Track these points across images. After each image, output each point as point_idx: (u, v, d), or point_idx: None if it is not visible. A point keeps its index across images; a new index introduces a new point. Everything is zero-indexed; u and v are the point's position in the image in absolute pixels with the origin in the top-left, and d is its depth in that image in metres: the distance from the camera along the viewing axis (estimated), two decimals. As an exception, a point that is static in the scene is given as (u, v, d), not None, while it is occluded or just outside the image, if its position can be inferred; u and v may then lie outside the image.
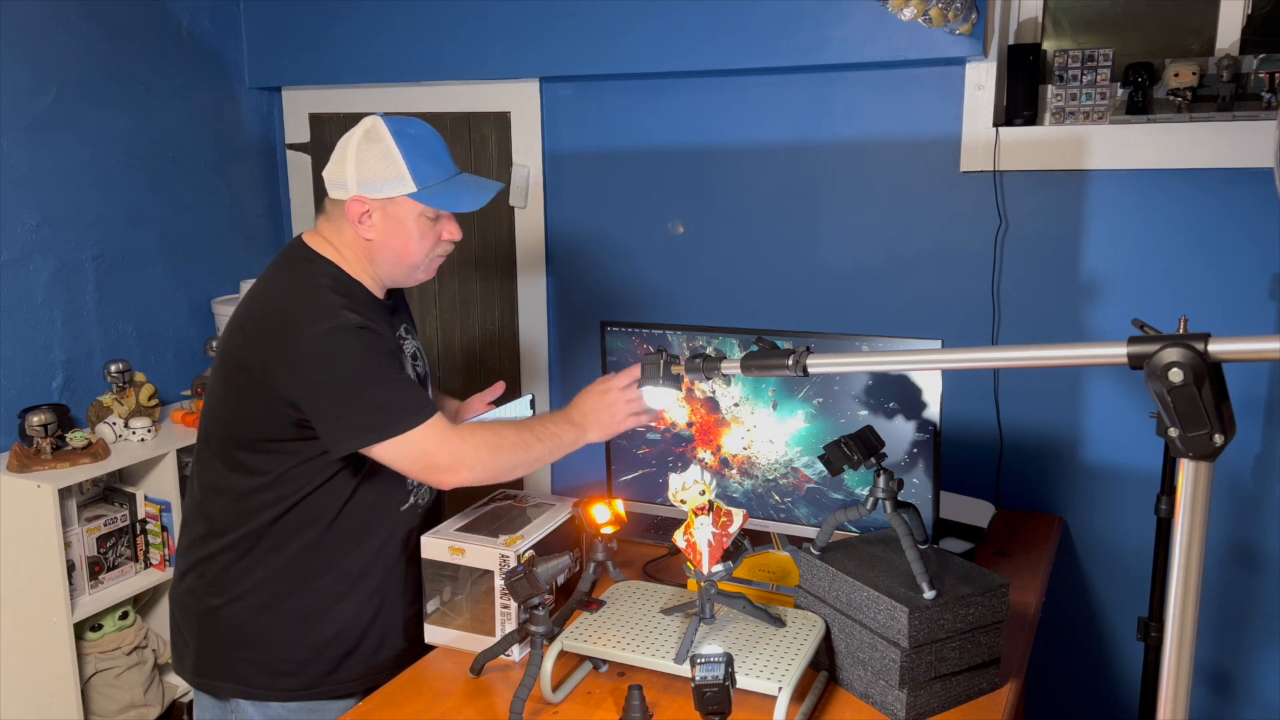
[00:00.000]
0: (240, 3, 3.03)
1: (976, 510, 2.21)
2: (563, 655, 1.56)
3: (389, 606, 1.77)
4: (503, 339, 2.97)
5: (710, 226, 2.63)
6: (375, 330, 1.63)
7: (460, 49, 2.72)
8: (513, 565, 1.63)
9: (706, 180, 2.61)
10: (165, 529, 2.61)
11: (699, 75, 2.53)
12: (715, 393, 1.97)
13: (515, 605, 1.64)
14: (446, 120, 2.87)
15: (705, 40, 2.41)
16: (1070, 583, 2.38)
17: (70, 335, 2.68)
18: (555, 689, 1.55)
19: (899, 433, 1.83)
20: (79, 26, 2.64)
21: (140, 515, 2.62)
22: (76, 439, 2.46)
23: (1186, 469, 0.99)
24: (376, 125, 1.66)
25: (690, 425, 2.01)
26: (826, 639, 1.58)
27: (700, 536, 1.50)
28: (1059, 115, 2.27)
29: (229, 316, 1.73)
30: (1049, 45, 2.35)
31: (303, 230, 1.77)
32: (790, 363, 1.45)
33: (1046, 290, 2.30)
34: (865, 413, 1.85)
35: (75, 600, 2.44)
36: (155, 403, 2.72)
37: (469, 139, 2.88)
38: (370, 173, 1.64)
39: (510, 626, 1.66)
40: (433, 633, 1.75)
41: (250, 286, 1.74)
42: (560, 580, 1.54)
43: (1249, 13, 2.18)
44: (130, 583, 2.60)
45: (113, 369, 2.64)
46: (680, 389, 1.73)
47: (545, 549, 1.70)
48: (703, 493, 1.51)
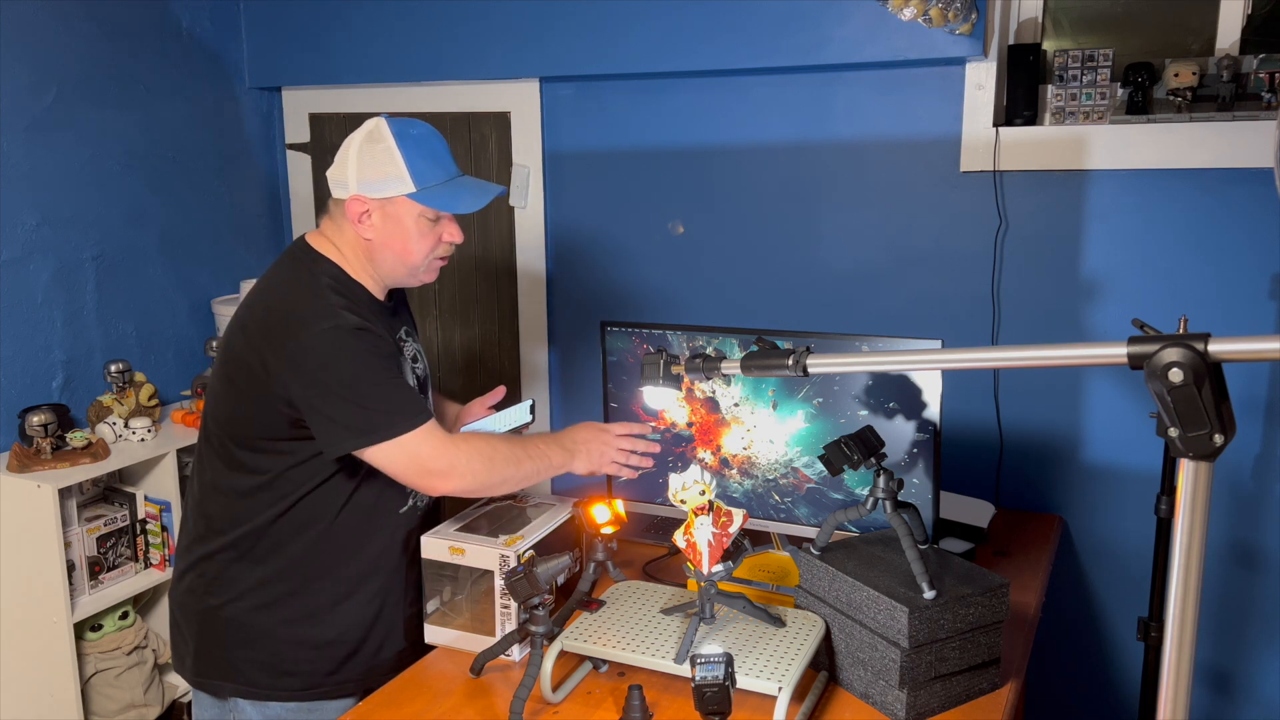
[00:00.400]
0: (240, 3, 3.03)
1: (976, 510, 2.21)
2: (563, 655, 1.56)
3: (390, 608, 1.77)
4: (502, 339, 2.97)
5: (710, 226, 2.63)
6: (374, 332, 1.63)
7: (460, 49, 2.72)
8: (513, 565, 1.63)
9: (706, 180, 2.61)
10: (165, 529, 2.61)
11: (699, 75, 2.53)
12: (715, 393, 1.97)
13: (515, 605, 1.64)
14: (446, 120, 2.88)
15: (705, 40, 2.42)
16: (1070, 583, 2.38)
17: (70, 335, 2.68)
18: (555, 689, 1.55)
19: (899, 433, 1.83)
20: (79, 26, 2.64)
21: (140, 515, 2.62)
22: (76, 439, 2.46)
23: (1186, 469, 0.99)
24: (379, 126, 1.66)
25: (690, 425, 2.01)
26: (826, 639, 1.58)
27: (700, 536, 1.50)
28: (1059, 115, 2.27)
29: (229, 316, 1.73)
30: (1049, 45, 2.35)
31: (303, 230, 1.78)
32: (790, 363, 1.45)
33: (1046, 290, 2.31)
34: (865, 413, 1.85)
35: (75, 600, 2.44)
36: (155, 403, 2.72)
37: (469, 139, 2.88)
38: (370, 172, 1.64)
39: (510, 626, 1.66)
40: (433, 633, 1.75)
41: (252, 286, 1.75)
42: (560, 580, 1.54)
43: (1249, 13, 2.18)
44: (130, 583, 2.60)
45: (113, 369, 2.64)
46: (680, 389, 1.73)
47: (545, 549, 1.71)
48: (703, 493, 1.51)
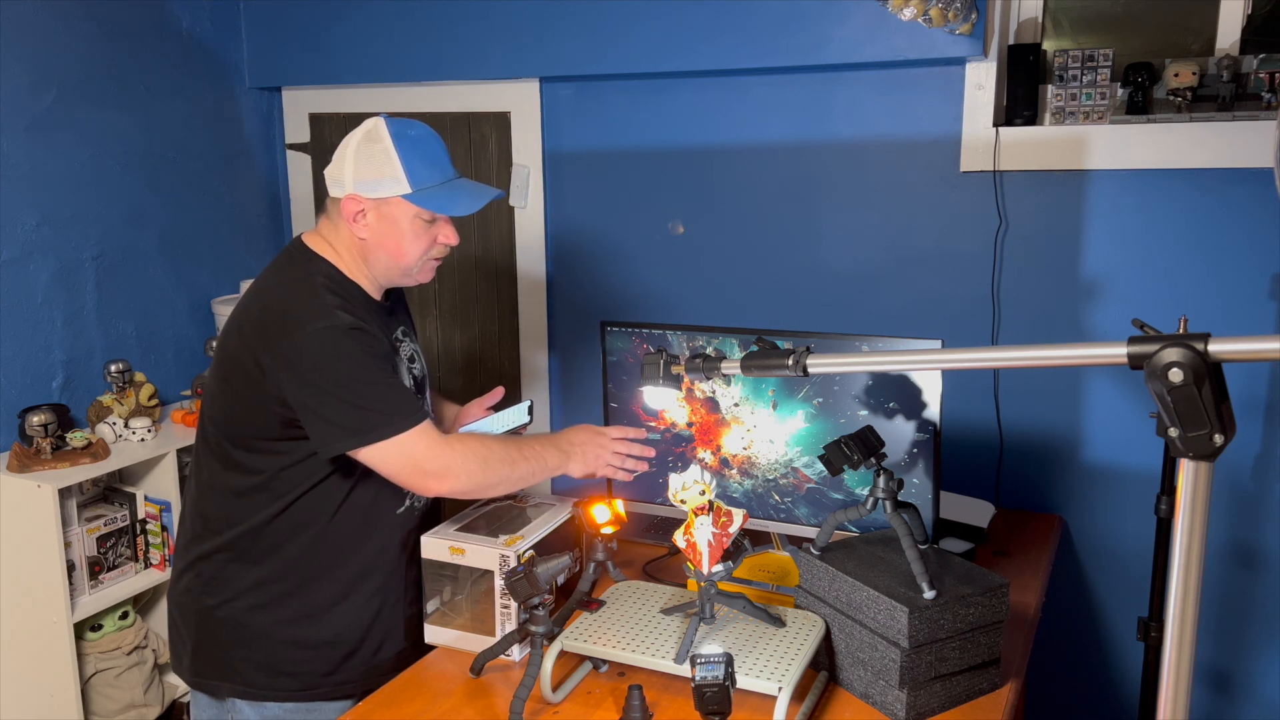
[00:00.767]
0: (240, 3, 3.03)
1: (976, 510, 2.21)
2: (563, 655, 1.56)
3: (388, 609, 1.76)
4: (503, 339, 2.97)
5: (710, 226, 2.63)
6: (369, 331, 1.62)
7: (460, 49, 2.72)
8: (513, 565, 1.63)
9: (706, 180, 2.61)
10: (165, 529, 2.61)
11: (699, 75, 2.53)
12: (715, 393, 1.97)
13: (515, 605, 1.64)
14: (446, 120, 2.88)
15: (705, 40, 2.41)
16: (1070, 583, 2.38)
17: (70, 335, 2.68)
18: (555, 689, 1.55)
19: (899, 433, 1.83)
20: (79, 26, 2.64)
21: (140, 515, 2.62)
22: (76, 439, 2.46)
23: (1186, 469, 0.99)
24: (377, 126, 1.66)
25: (690, 425, 2.01)
26: (826, 639, 1.58)
27: (700, 536, 1.50)
28: (1059, 115, 2.27)
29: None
30: (1049, 45, 2.35)
31: (302, 230, 1.77)
32: (790, 363, 1.45)
33: (1046, 290, 2.30)
34: (865, 413, 1.85)
35: (75, 600, 2.44)
36: (155, 403, 2.72)
37: (469, 139, 2.88)
38: (367, 172, 1.64)
39: (510, 626, 1.66)
40: (433, 633, 1.75)
41: (249, 286, 1.74)
42: (560, 580, 1.54)
43: (1249, 13, 2.18)
44: (130, 583, 2.60)
45: (113, 369, 2.64)
46: (680, 389, 1.73)
47: (545, 549, 1.71)
48: (703, 493, 1.51)
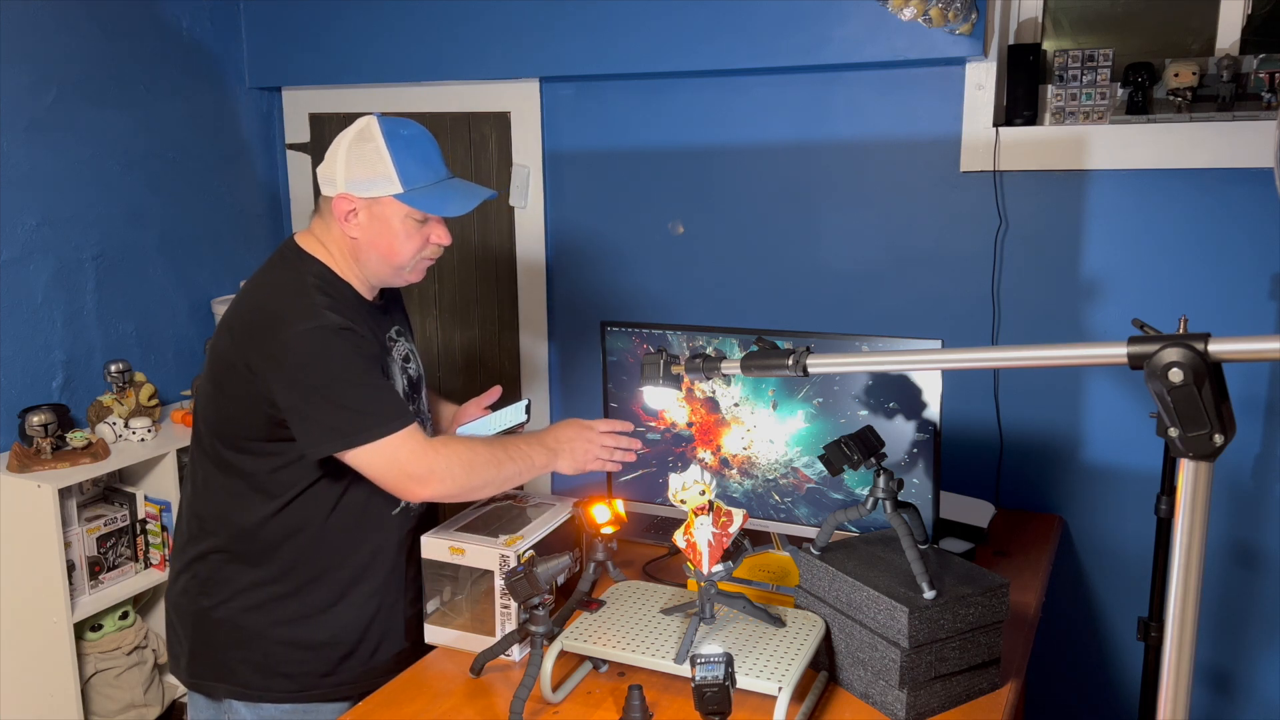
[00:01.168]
0: (240, 3, 3.03)
1: (976, 510, 2.21)
2: (563, 655, 1.56)
3: (386, 610, 1.76)
4: (502, 339, 2.97)
5: (710, 226, 2.63)
6: (358, 332, 1.61)
7: (460, 49, 2.72)
8: (513, 565, 1.63)
9: (706, 180, 2.61)
10: (165, 529, 2.61)
11: (699, 75, 2.53)
12: (715, 393, 1.97)
13: (515, 605, 1.64)
14: (446, 120, 2.87)
15: (705, 40, 2.41)
16: (1070, 583, 2.38)
17: (70, 335, 2.68)
18: (555, 689, 1.55)
19: (899, 433, 1.83)
20: (79, 26, 2.64)
21: (140, 515, 2.62)
22: (76, 439, 2.46)
23: (1186, 469, 0.99)
24: (370, 125, 1.66)
25: (690, 425, 2.01)
26: (826, 639, 1.58)
27: (700, 536, 1.50)
28: (1059, 115, 2.27)
29: (225, 316, 1.73)
30: (1049, 45, 2.35)
31: (302, 230, 1.77)
32: (790, 363, 1.45)
33: (1046, 290, 2.30)
34: (865, 413, 1.85)
35: (75, 600, 2.44)
36: (155, 403, 2.72)
37: (469, 139, 2.88)
38: (359, 171, 1.64)
39: (510, 626, 1.66)
40: (433, 633, 1.75)
41: (242, 286, 1.74)
42: (560, 580, 1.54)
43: (1249, 13, 2.18)
44: (130, 583, 2.60)
45: (113, 369, 2.64)
46: (680, 389, 1.73)
47: (545, 549, 1.70)
48: (703, 493, 1.51)
